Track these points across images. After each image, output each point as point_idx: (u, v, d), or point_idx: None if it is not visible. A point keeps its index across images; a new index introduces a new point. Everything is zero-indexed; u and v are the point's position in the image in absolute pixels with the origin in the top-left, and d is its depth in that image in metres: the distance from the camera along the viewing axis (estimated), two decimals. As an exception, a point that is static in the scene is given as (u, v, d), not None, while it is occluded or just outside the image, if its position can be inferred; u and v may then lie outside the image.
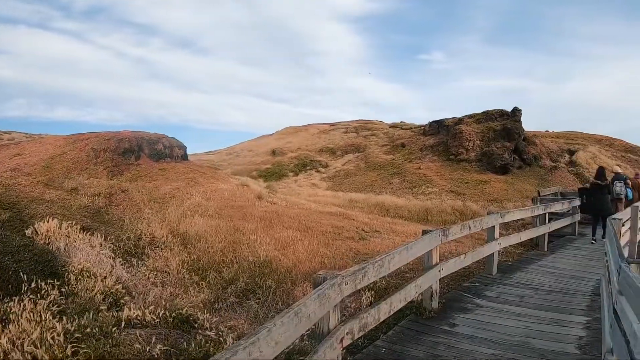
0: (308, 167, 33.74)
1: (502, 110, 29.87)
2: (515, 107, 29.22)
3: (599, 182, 10.63)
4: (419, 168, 27.47)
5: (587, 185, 20.92)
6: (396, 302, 4.36)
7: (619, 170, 12.30)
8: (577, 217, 11.82)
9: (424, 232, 5.35)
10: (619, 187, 11.06)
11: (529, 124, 29.88)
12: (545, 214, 9.65)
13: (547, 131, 36.86)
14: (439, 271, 5.51)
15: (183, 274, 9.20)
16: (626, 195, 11.32)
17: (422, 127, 35.01)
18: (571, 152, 27.98)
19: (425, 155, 29.76)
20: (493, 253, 7.20)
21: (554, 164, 26.28)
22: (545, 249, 9.57)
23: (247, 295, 8.27)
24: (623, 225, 7.35)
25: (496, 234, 7.22)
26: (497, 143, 27.00)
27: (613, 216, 7.05)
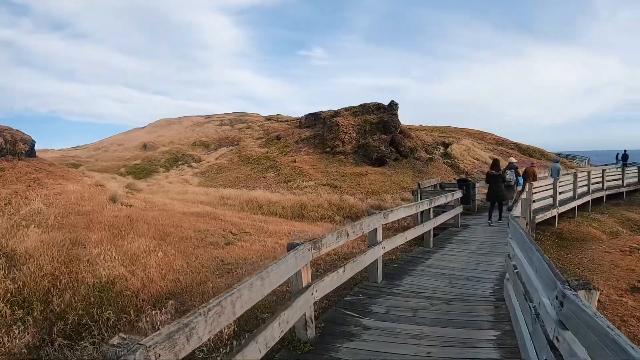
0: (180, 162, 30.84)
1: (379, 103, 30.24)
2: (392, 101, 29.73)
3: (494, 172, 11.69)
4: (294, 161, 26.53)
5: (463, 176, 22.04)
6: (253, 354, 2.82)
7: (513, 160, 13.62)
8: (459, 209, 11.54)
9: (290, 247, 3.76)
10: (509, 175, 12.40)
11: (405, 120, 30.94)
12: (430, 209, 8.86)
13: (421, 125, 38.83)
14: (312, 294, 4.03)
15: (3, 309, 6.42)
16: (517, 182, 12.55)
17: (299, 120, 34.38)
18: (446, 145, 29.34)
19: (301, 148, 29.01)
20: (377, 259, 5.93)
21: (430, 156, 27.26)
22: (431, 245, 8.81)
23: (81, 333, 5.91)
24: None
25: (379, 237, 5.99)
26: (373, 136, 27.15)
27: (514, 215, 6.25)
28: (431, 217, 8.89)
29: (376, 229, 5.85)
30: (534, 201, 10.83)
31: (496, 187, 11.55)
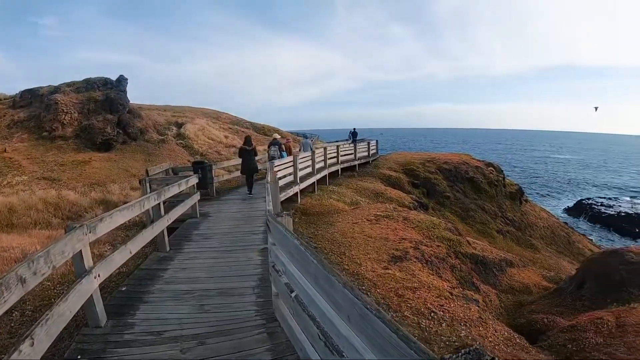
0: None
1: (106, 78, 25.86)
2: (121, 75, 25.81)
3: (246, 147, 12.74)
4: (5, 151, 19.95)
5: (199, 157, 20.97)
6: None
7: (277, 136, 14.75)
8: (197, 196, 10.09)
9: None
10: (272, 150, 13.49)
11: (138, 99, 27.30)
12: (159, 203, 7.02)
13: (153, 105, 35.47)
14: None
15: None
16: (281, 157, 13.39)
17: (12, 98, 26.31)
18: (179, 125, 27.23)
19: (13, 134, 22.34)
20: (92, 296, 3.89)
21: (162, 137, 24.76)
22: (168, 249, 7.11)
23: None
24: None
25: (87, 262, 3.89)
26: (98, 116, 22.95)
27: (271, 210, 5.13)
28: (162, 213, 7.10)
29: (80, 251, 3.77)
30: (279, 179, 10.57)
31: (248, 161, 12.79)
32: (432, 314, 6.16)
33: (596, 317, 7.05)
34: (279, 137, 14.74)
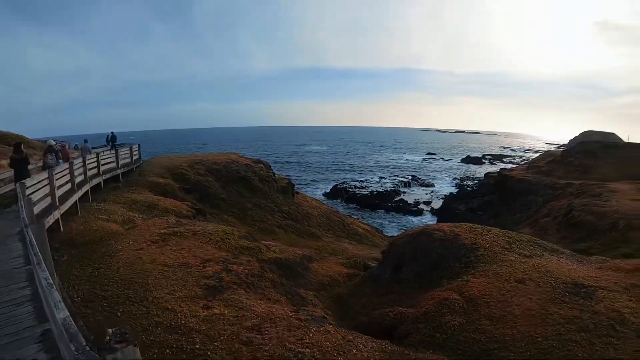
0: None
1: None
2: None
3: (16, 156, 11.71)
4: None
5: None
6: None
7: (52, 142, 14.15)
8: None
9: None
10: (49, 158, 12.84)
11: None
12: None
13: None
14: None
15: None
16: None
17: None
18: None
19: None
20: None
21: None
22: None
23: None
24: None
25: None
26: None
27: None
28: None
29: None
30: (35, 203, 7.75)
31: (20, 170, 11.68)
32: (300, 356, 5.43)
33: (442, 299, 7.38)
34: (55, 143, 13.84)
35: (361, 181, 61.23)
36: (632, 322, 6.06)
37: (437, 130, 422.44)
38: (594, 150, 34.43)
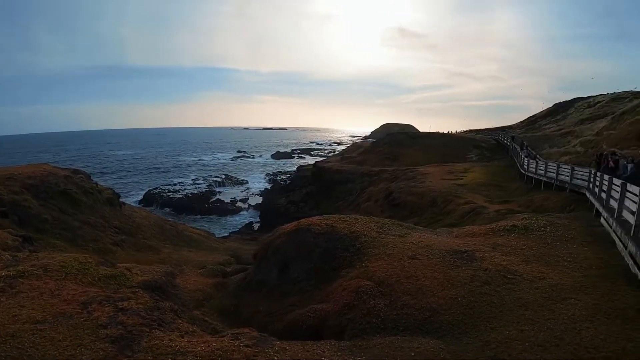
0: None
1: None
2: None
3: None
4: None
5: None
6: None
7: None
8: None
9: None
10: None
11: None
12: None
13: None
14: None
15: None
16: None
17: None
18: None
19: None
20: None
21: None
22: None
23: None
24: None
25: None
26: None
27: None
28: None
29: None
30: None
31: None
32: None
33: (356, 287, 7.56)
34: None
35: (174, 184, 58.59)
36: (515, 270, 7.68)
37: (245, 129, 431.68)
38: (401, 140, 40.49)
